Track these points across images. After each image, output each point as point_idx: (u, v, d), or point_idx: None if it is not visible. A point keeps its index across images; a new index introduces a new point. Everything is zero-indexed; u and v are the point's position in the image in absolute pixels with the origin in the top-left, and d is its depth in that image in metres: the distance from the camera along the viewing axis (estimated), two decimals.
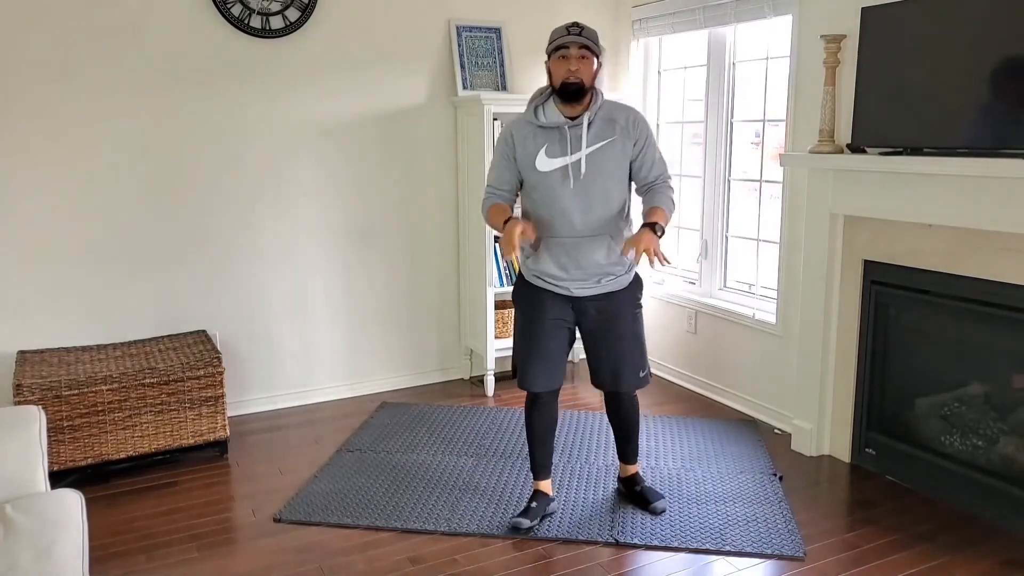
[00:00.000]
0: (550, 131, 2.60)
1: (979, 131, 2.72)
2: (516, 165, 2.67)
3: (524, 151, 2.63)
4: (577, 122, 2.58)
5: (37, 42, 3.37)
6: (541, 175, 2.62)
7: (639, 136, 2.64)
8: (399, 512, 2.95)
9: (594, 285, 2.69)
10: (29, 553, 1.83)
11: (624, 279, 2.75)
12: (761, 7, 3.67)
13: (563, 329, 2.76)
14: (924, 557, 2.65)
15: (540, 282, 2.74)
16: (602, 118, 2.61)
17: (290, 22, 3.80)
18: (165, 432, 3.31)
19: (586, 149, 2.57)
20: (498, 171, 2.72)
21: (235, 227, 3.86)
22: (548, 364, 2.76)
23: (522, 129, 2.65)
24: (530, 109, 2.65)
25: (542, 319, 2.74)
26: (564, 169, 2.60)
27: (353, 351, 4.23)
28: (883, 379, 3.26)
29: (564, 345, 2.79)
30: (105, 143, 3.55)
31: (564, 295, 2.71)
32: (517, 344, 2.83)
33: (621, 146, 2.62)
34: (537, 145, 2.61)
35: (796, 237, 3.58)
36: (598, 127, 2.60)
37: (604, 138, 2.59)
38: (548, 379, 2.78)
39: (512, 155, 2.66)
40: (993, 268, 2.78)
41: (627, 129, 2.62)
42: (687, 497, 3.06)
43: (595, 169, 2.59)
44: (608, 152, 2.60)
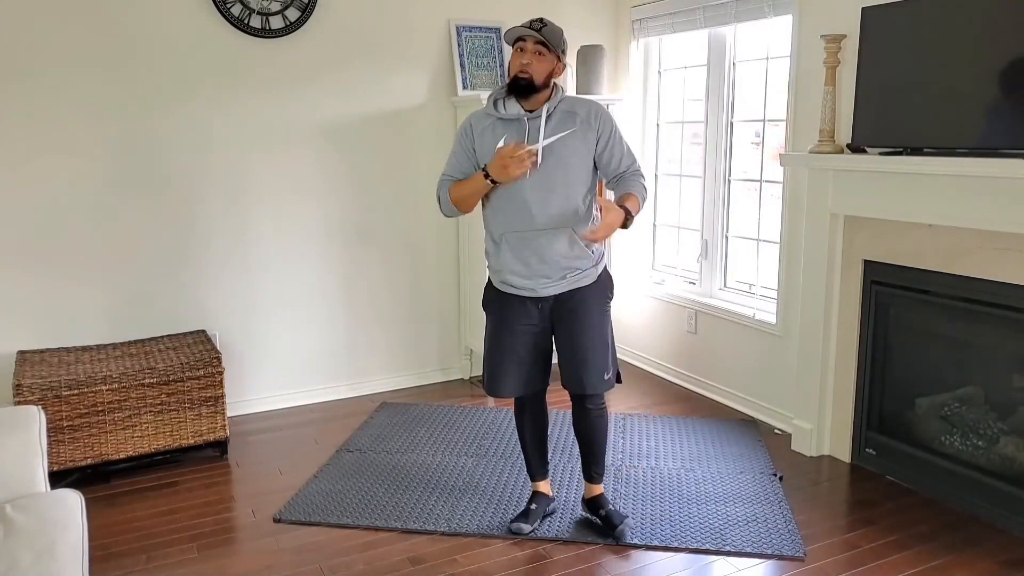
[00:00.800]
0: (509, 123, 2.57)
1: (979, 131, 2.72)
2: (475, 156, 2.63)
3: (483, 142, 2.60)
4: (536, 114, 2.55)
5: (36, 39, 3.37)
6: None
7: (602, 129, 2.59)
8: (399, 512, 2.95)
9: (559, 281, 2.62)
10: (29, 553, 1.82)
11: (591, 273, 2.66)
12: (761, 7, 3.67)
13: (533, 335, 2.69)
14: (924, 557, 2.65)
15: (507, 287, 2.67)
16: (562, 111, 2.58)
17: (290, 22, 3.80)
18: (165, 432, 3.31)
19: (543, 140, 2.51)
20: (456, 161, 2.67)
21: (235, 227, 3.86)
22: (517, 369, 2.70)
23: (482, 121, 2.63)
24: (490, 102, 2.61)
25: (510, 325, 2.68)
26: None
27: (353, 351, 4.23)
28: (883, 379, 3.26)
29: (536, 350, 2.71)
30: (104, 142, 3.55)
31: (532, 298, 2.65)
32: (487, 351, 2.76)
33: (582, 137, 2.56)
34: (496, 136, 2.57)
35: (796, 237, 3.58)
36: (557, 119, 2.56)
37: (563, 130, 2.54)
38: (516, 386, 2.73)
39: (471, 146, 2.63)
40: (993, 268, 2.78)
41: (588, 122, 2.58)
42: (687, 497, 3.05)
43: (554, 160, 2.53)
44: (568, 144, 2.54)
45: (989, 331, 2.94)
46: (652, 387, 4.34)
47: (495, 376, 2.73)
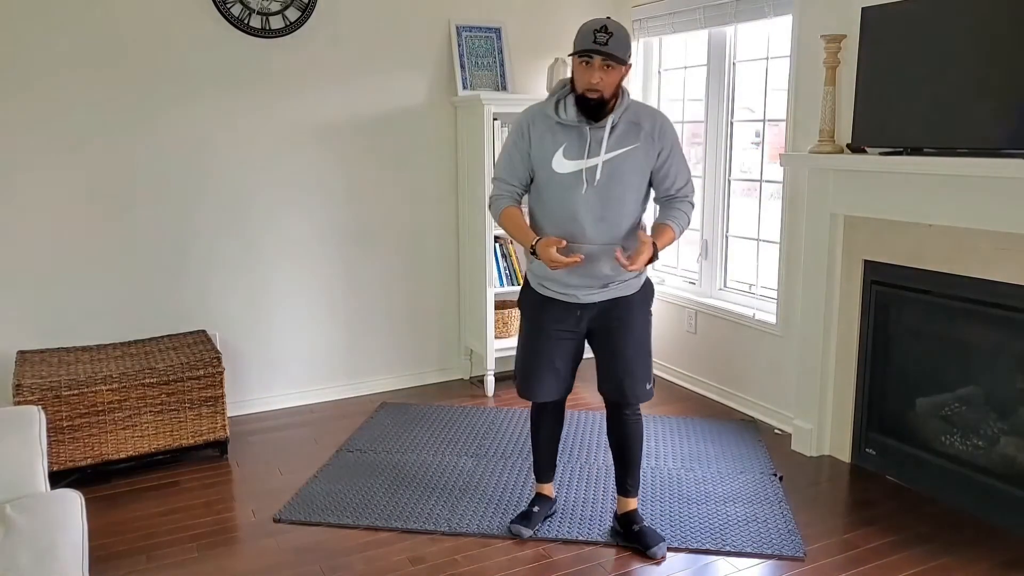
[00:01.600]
0: (569, 129, 2.44)
1: (979, 131, 2.72)
2: (529, 159, 2.52)
3: (541, 147, 2.48)
4: (600, 124, 2.42)
5: (36, 39, 3.37)
6: (556, 175, 2.46)
7: (664, 145, 2.48)
8: (399, 512, 2.95)
9: (601, 290, 2.55)
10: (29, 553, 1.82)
11: (634, 283, 2.60)
12: (761, 7, 3.67)
13: (569, 340, 2.63)
14: (924, 557, 2.65)
15: (545, 290, 2.60)
16: (627, 121, 2.45)
17: (290, 22, 3.80)
18: (165, 432, 3.31)
19: (605, 155, 2.41)
20: (511, 163, 2.55)
21: (235, 227, 3.86)
22: (551, 376, 2.65)
23: (540, 124, 2.49)
24: (550, 102, 2.48)
25: (547, 330, 2.62)
26: (579, 173, 2.44)
27: (353, 351, 4.23)
28: (883, 379, 3.26)
29: (570, 356, 2.66)
30: (104, 142, 3.55)
31: (571, 303, 2.57)
32: (520, 353, 2.71)
33: (644, 154, 2.46)
34: (556, 143, 2.45)
35: (796, 237, 3.58)
36: (621, 131, 2.43)
37: (626, 144, 2.43)
38: (551, 390, 2.68)
39: (527, 149, 2.51)
40: (993, 268, 2.78)
41: (652, 136, 2.46)
42: (687, 497, 3.05)
43: (613, 177, 2.43)
44: (629, 160, 2.44)
45: (989, 331, 2.94)
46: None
47: (530, 380, 2.68)
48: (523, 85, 4.39)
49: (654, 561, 2.65)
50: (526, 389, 2.71)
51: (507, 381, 4.41)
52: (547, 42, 4.42)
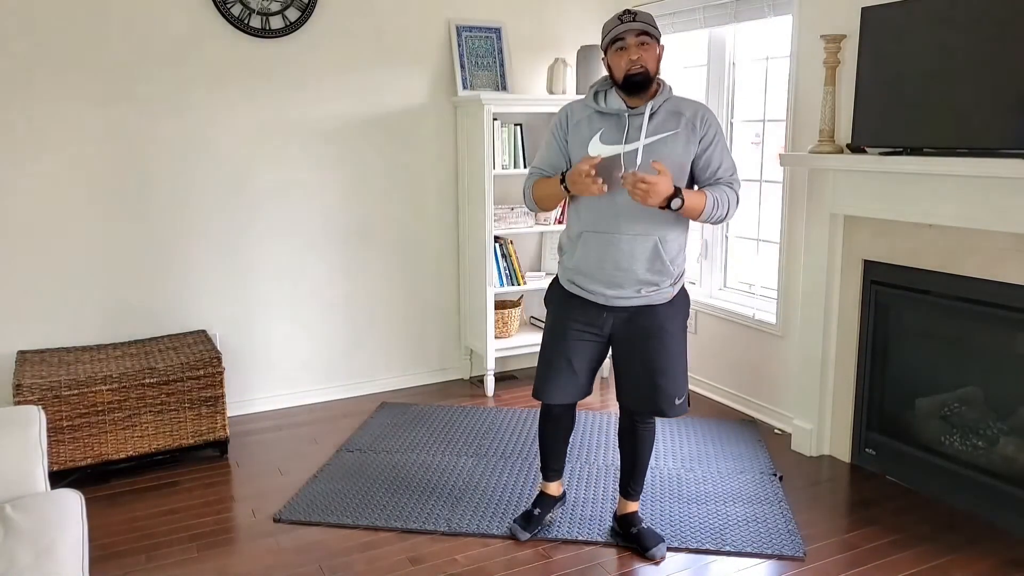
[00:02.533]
0: (609, 117, 2.42)
1: (979, 131, 2.72)
2: (567, 148, 2.49)
3: (578, 134, 2.44)
4: (639, 110, 2.38)
5: (36, 39, 3.37)
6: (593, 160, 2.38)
7: (706, 133, 2.42)
8: (399, 512, 2.95)
9: (633, 295, 2.46)
10: (29, 553, 1.82)
11: (667, 291, 2.49)
12: (761, 7, 3.67)
13: (590, 343, 2.55)
14: (924, 557, 2.65)
15: (574, 288, 2.53)
16: (667, 110, 2.41)
17: (290, 22, 3.80)
18: (165, 432, 3.31)
19: (645, 139, 2.36)
20: (548, 153, 2.54)
21: (235, 227, 3.86)
22: (567, 379, 2.57)
23: (579, 112, 2.47)
24: (590, 94, 2.46)
25: (569, 330, 2.55)
26: (617, 158, 2.38)
27: (353, 351, 4.23)
28: (883, 379, 3.26)
29: (590, 360, 2.58)
30: (103, 142, 3.55)
31: (599, 304, 2.50)
32: (541, 352, 2.64)
33: (684, 141, 2.40)
34: (592, 129, 2.41)
35: (796, 237, 3.58)
36: (661, 118, 2.40)
37: (666, 130, 2.39)
38: (565, 394, 2.60)
39: (564, 137, 2.48)
40: (993, 268, 2.78)
41: (693, 124, 2.41)
42: (687, 497, 3.05)
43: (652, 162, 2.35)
44: (669, 145, 2.39)
45: (989, 331, 2.94)
46: None
47: (544, 381, 2.61)
48: (523, 85, 4.39)
49: (653, 562, 2.65)
50: (542, 391, 2.63)
51: (507, 381, 4.42)
52: (547, 42, 4.42)
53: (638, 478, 2.75)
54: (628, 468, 2.75)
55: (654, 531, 2.75)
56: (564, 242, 2.60)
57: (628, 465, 2.74)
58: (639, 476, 2.74)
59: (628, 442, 2.72)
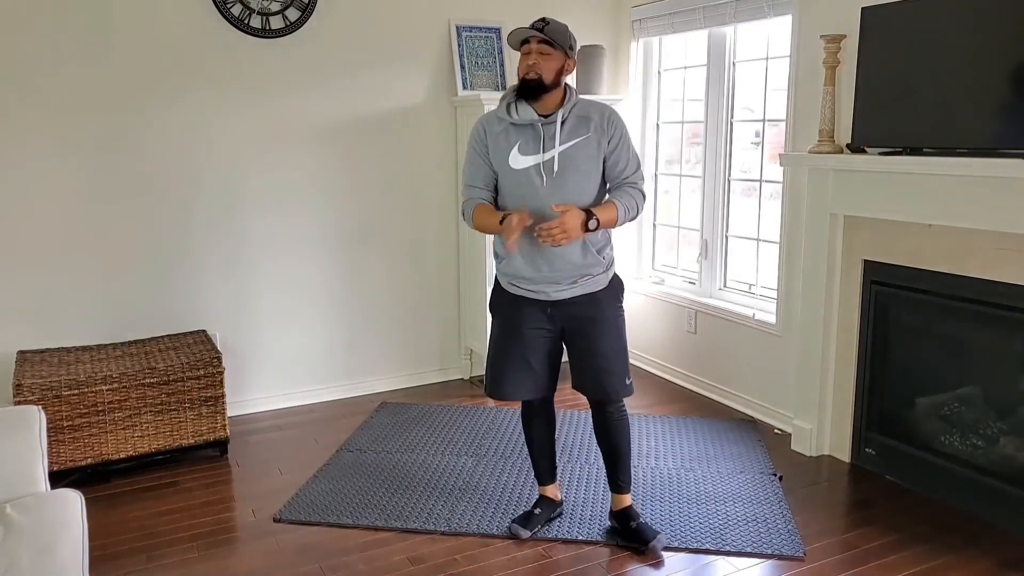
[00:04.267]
0: (523, 128, 2.53)
1: (979, 131, 2.72)
2: (490, 161, 2.59)
3: (497, 148, 2.56)
4: (551, 119, 2.50)
5: (35, 38, 3.37)
6: (514, 172, 2.54)
7: (613, 134, 2.55)
8: (399, 512, 2.95)
9: (570, 286, 2.58)
10: (29, 553, 1.83)
11: (602, 278, 2.63)
12: (761, 7, 3.67)
13: (543, 338, 2.65)
14: (923, 557, 2.65)
15: (516, 289, 2.64)
16: (576, 115, 2.53)
17: (290, 22, 3.80)
18: (165, 432, 3.31)
19: (559, 147, 2.49)
20: (473, 168, 2.64)
21: (235, 227, 3.86)
22: (523, 374, 2.66)
23: (494, 126, 2.58)
24: (502, 105, 2.56)
25: (519, 328, 2.64)
26: (537, 167, 2.51)
27: (353, 351, 4.23)
28: (883, 379, 3.26)
29: (546, 355, 2.67)
30: (104, 143, 3.55)
31: (542, 300, 2.61)
32: (492, 353, 2.72)
33: (596, 143, 2.53)
34: (510, 142, 2.53)
35: (796, 237, 3.58)
36: (572, 124, 2.52)
37: (578, 135, 2.51)
38: (529, 389, 2.69)
39: (486, 152, 2.59)
40: (993, 268, 2.78)
41: (601, 126, 2.54)
42: (687, 497, 3.05)
43: (568, 167, 2.51)
44: (582, 150, 2.52)
45: (989, 331, 2.94)
46: (652, 387, 4.34)
47: (498, 378, 2.69)
48: None
49: (654, 560, 2.65)
50: (494, 387, 2.71)
51: None
52: None
53: (622, 468, 2.78)
54: (609, 458, 2.79)
55: (651, 526, 2.78)
56: (498, 248, 2.67)
57: (609, 455, 2.78)
58: (623, 466, 2.78)
59: (602, 431, 2.77)
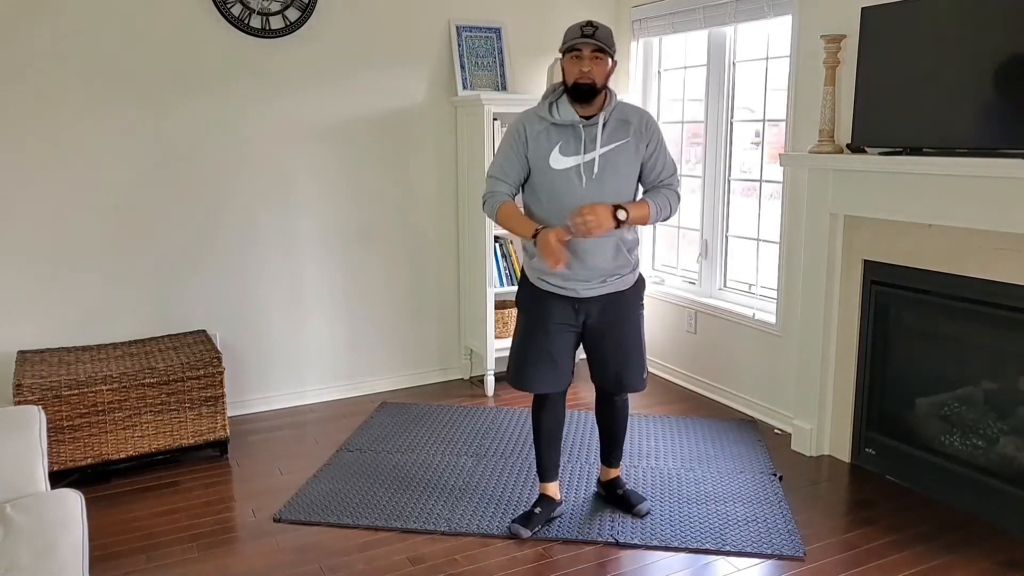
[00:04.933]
0: (564, 129, 2.58)
1: (979, 131, 2.72)
2: (526, 160, 2.62)
3: (537, 146, 2.59)
4: (592, 121, 2.56)
5: (35, 40, 3.37)
6: (553, 173, 2.57)
7: (651, 139, 2.63)
8: (399, 512, 2.95)
9: (599, 285, 2.65)
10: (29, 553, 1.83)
11: (629, 278, 2.72)
12: (761, 7, 3.67)
13: (568, 332, 2.72)
14: (924, 557, 2.65)
15: (545, 285, 2.68)
16: (616, 119, 2.60)
17: (290, 22, 3.80)
18: (165, 432, 3.31)
19: (600, 149, 2.55)
20: (506, 162, 2.64)
21: (235, 227, 3.86)
22: (552, 367, 2.71)
23: (535, 125, 2.61)
24: (544, 105, 2.61)
25: (546, 323, 2.70)
26: (577, 168, 2.56)
27: (353, 351, 4.23)
28: (883, 379, 3.26)
29: (569, 348, 2.75)
30: (103, 143, 3.55)
31: (570, 297, 2.67)
32: (517, 345, 2.77)
33: (634, 148, 2.60)
34: (551, 142, 2.57)
35: (796, 237, 3.58)
36: (612, 127, 2.58)
37: (618, 139, 2.58)
38: (552, 382, 2.74)
39: (523, 150, 2.61)
40: (993, 268, 2.78)
41: (640, 131, 2.61)
42: (687, 497, 3.06)
43: (608, 170, 2.57)
44: (621, 153, 2.58)
45: (989, 331, 2.94)
46: (652, 387, 4.34)
47: (523, 371, 2.74)
48: (523, 85, 4.39)
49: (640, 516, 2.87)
50: (520, 379, 2.76)
51: None
52: (547, 42, 4.41)
53: (617, 448, 2.97)
54: (608, 441, 2.96)
55: (636, 491, 2.99)
56: (529, 245, 2.70)
57: (607, 438, 2.96)
58: (618, 446, 2.97)
59: (607, 416, 2.93)
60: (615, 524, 2.86)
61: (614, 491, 2.97)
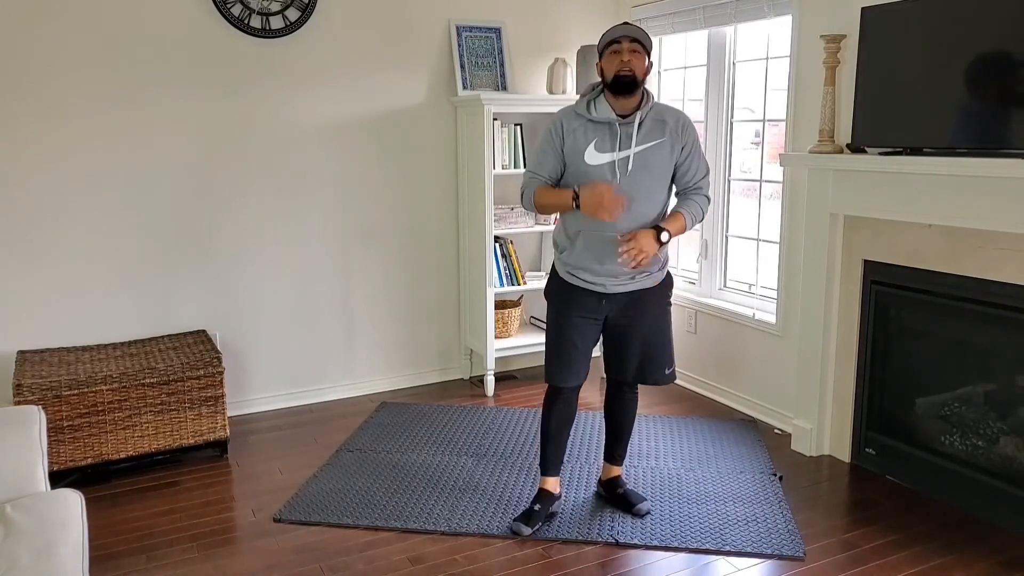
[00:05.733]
0: (601, 126, 2.61)
1: (979, 131, 2.72)
2: (563, 156, 2.66)
3: (574, 142, 2.63)
4: (629, 120, 2.59)
5: (36, 42, 3.38)
6: (588, 168, 2.61)
7: (687, 141, 2.66)
8: (399, 512, 2.95)
9: (628, 281, 2.69)
10: (29, 553, 1.82)
11: (658, 276, 2.76)
12: (761, 7, 3.67)
13: (590, 326, 2.76)
14: (924, 557, 2.65)
15: (574, 279, 2.73)
16: (652, 118, 2.63)
17: (290, 22, 3.80)
18: (165, 432, 3.31)
19: (635, 147, 2.59)
20: (543, 157, 2.69)
21: (235, 227, 3.86)
22: (577, 362, 2.77)
23: (572, 121, 2.65)
24: (582, 103, 2.65)
25: (572, 316, 2.74)
26: (611, 164, 2.60)
27: (353, 351, 4.23)
28: (883, 379, 3.26)
29: (591, 342, 2.79)
30: (102, 143, 3.55)
31: (598, 292, 2.70)
32: (551, 340, 2.80)
33: (669, 148, 2.63)
34: (588, 138, 2.61)
35: (796, 237, 3.58)
36: (648, 127, 2.61)
37: (654, 139, 2.61)
38: (577, 376, 2.79)
39: (560, 146, 2.65)
40: (993, 268, 2.78)
41: (676, 132, 2.64)
42: (687, 497, 3.05)
43: (642, 168, 2.60)
44: (656, 153, 2.61)
45: (989, 331, 2.94)
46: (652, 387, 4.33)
47: (562, 366, 2.77)
48: (523, 85, 4.39)
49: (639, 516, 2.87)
50: (557, 375, 2.78)
51: (507, 381, 4.42)
52: (547, 42, 4.42)
53: (623, 444, 3.00)
54: (614, 435, 2.98)
55: (636, 491, 3.00)
56: (561, 239, 2.77)
57: (614, 432, 2.98)
58: (624, 442, 3.00)
59: (617, 409, 2.96)
60: (615, 524, 2.86)
61: (614, 490, 2.99)
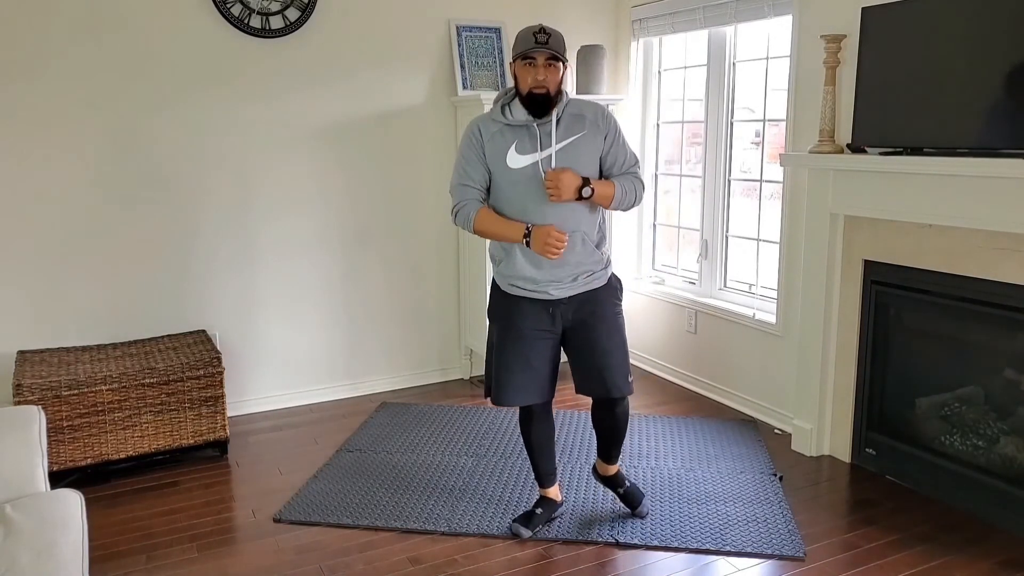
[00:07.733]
0: (518, 129, 2.55)
1: (979, 131, 2.72)
2: (486, 160, 2.59)
3: (494, 148, 2.56)
4: (545, 119, 2.53)
5: (33, 41, 3.37)
6: (512, 172, 2.54)
7: (608, 130, 2.60)
8: (399, 512, 2.95)
9: (571, 284, 2.60)
10: (29, 553, 1.82)
11: (602, 275, 2.66)
12: (761, 7, 3.67)
13: (545, 340, 2.65)
14: (924, 557, 2.65)
15: (516, 290, 2.63)
16: (570, 114, 2.57)
17: (290, 22, 3.80)
18: (165, 432, 3.31)
19: (557, 145, 2.53)
20: (469, 167, 2.60)
21: (235, 227, 3.86)
22: (532, 376, 2.64)
23: (490, 127, 2.58)
24: (496, 108, 2.59)
25: (521, 330, 2.63)
26: (535, 165, 2.53)
27: (353, 351, 4.23)
28: (883, 379, 3.26)
29: (548, 357, 2.67)
30: (104, 142, 3.55)
31: (543, 300, 2.61)
32: (492, 357, 2.69)
33: (592, 140, 2.57)
34: (507, 142, 2.54)
35: (796, 237, 3.58)
36: (567, 122, 2.55)
37: (574, 133, 2.55)
38: (529, 393, 2.66)
39: (481, 152, 2.59)
40: (993, 268, 2.78)
41: (596, 123, 2.58)
42: (687, 497, 3.05)
43: (567, 164, 2.53)
44: (579, 147, 2.55)
45: (989, 331, 2.94)
46: (652, 387, 4.34)
47: (502, 384, 2.66)
48: None
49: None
50: (498, 393, 2.67)
51: None
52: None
53: (618, 448, 2.88)
54: (606, 443, 2.86)
55: (638, 489, 2.97)
56: (497, 251, 2.68)
57: (608, 441, 2.86)
58: (618, 446, 2.88)
59: (606, 425, 2.81)
60: (615, 524, 2.86)
61: (615, 488, 2.94)
